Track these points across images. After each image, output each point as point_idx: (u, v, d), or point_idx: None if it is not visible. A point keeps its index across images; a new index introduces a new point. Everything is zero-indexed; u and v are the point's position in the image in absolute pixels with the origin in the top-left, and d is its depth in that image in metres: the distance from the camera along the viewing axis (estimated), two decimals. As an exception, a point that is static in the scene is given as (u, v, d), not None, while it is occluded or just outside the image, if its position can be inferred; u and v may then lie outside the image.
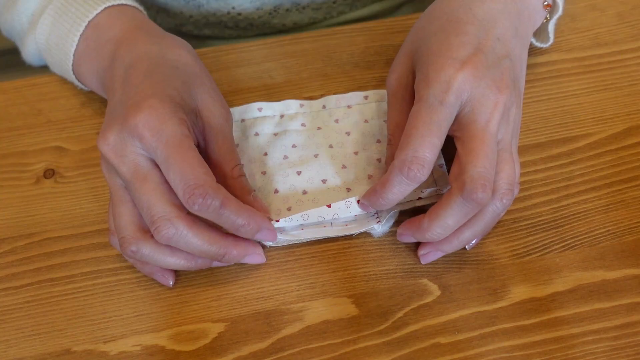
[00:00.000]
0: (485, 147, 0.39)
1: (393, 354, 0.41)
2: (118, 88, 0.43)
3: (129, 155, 0.40)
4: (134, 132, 0.39)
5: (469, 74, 0.40)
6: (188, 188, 0.38)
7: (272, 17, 0.62)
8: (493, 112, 0.40)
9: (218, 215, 0.39)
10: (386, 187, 0.41)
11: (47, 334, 0.42)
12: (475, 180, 0.39)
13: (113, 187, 0.42)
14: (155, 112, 0.40)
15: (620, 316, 0.41)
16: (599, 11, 0.56)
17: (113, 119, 0.41)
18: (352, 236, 0.45)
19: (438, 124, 0.39)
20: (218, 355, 0.41)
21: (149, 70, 0.42)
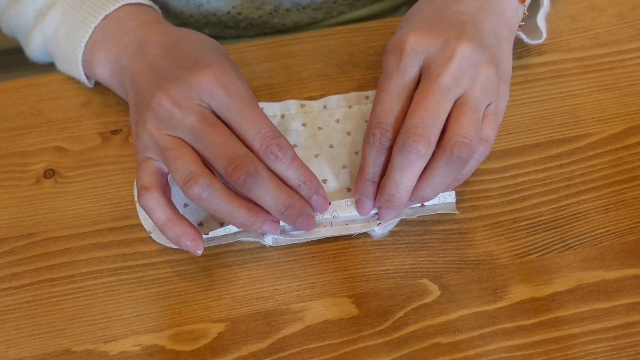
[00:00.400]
0: (427, 100, 0.40)
1: (393, 354, 0.41)
2: (162, 63, 0.43)
3: (194, 106, 0.41)
4: (205, 87, 0.41)
5: (420, 34, 0.41)
6: (266, 139, 0.40)
7: (272, 17, 0.62)
8: (446, 65, 0.40)
9: (288, 168, 0.41)
10: (363, 160, 0.43)
11: (47, 334, 0.42)
12: (407, 131, 0.39)
13: (165, 140, 0.41)
14: (224, 70, 0.42)
15: (620, 316, 0.41)
16: (599, 11, 0.56)
17: (171, 79, 0.42)
18: (352, 236, 0.45)
19: (396, 90, 0.41)
20: (218, 355, 0.41)
21: (195, 46, 0.45)
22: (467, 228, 0.45)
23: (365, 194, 0.43)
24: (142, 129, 0.42)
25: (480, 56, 0.41)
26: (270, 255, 0.45)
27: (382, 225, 0.44)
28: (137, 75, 0.44)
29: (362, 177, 0.43)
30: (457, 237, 0.45)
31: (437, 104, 0.40)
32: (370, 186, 0.43)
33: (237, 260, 0.45)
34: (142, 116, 0.42)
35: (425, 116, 0.39)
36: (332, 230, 0.44)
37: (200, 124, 0.40)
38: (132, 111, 0.45)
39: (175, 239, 0.41)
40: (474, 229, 0.45)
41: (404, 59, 0.41)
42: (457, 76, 0.40)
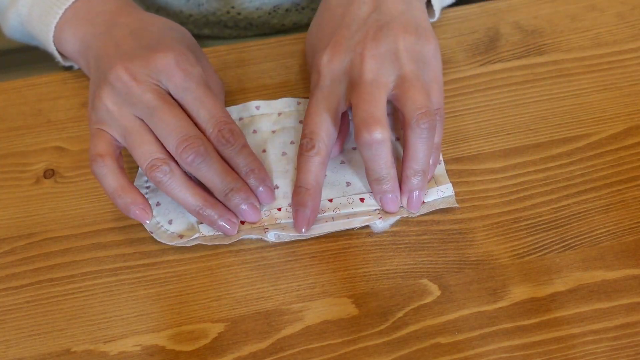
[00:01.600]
0: (360, 95, 0.42)
1: (393, 354, 0.41)
2: (126, 43, 0.45)
3: (152, 84, 0.42)
4: (164, 69, 0.42)
5: (329, 54, 0.45)
6: (219, 124, 0.42)
7: (271, 17, 0.62)
8: (363, 68, 0.43)
9: (238, 154, 0.43)
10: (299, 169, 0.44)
11: (47, 334, 0.42)
12: (358, 126, 0.42)
13: (127, 119, 0.42)
14: (185, 55, 0.44)
15: (620, 316, 0.41)
16: (599, 11, 0.56)
17: (130, 56, 0.43)
18: (353, 230, 0.45)
19: (322, 105, 0.44)
20: (218, 355, 0.41)
21: (161, 31, 0.46)
22: (467, 228, 0.45)
23: (301, 202, 0.44)
24: (98, 102, 0.43)
25: (389, 40, 0.44)
26: (270, 255, 0.45)
27: (383, 218, 0.44)
28: (101, 53, 0.45)
29: (296, 185, 0.45)
30: (457, 237, 0.45)
31: (371, 95, 0.42)
32: (303, 193, 0.44)
33: (237, 260, 0.45)
34: (99, 88, 0.43)
35: (366, 107, 0.42)
36: (335, 225, 0.44)
37: (156, 101, 0.42)
38: (91, 85, 0.46)
39: (125, 206, 0.43)
40: (474, 229, 0.45)
41: (322, 80, 0.45)
42: (377, 69, 0.43)
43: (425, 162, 0.44)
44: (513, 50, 0.54)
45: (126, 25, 0.46)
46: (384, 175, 0.43)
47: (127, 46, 0.44)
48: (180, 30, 0.48)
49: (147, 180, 0.47)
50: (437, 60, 0.45)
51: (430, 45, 0.45)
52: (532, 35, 0.54)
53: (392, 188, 0.44)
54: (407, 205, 0.45)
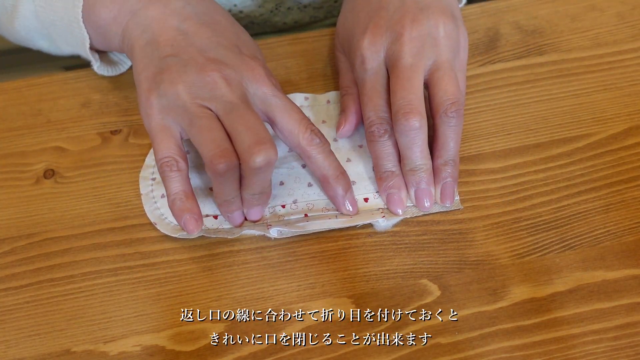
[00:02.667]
0: (400, 81, 0.43)
1: (393, 354, 0.41)
2: (197, 29, 0.44)
3: (241, 88, 0.42)
4: (257, 79, 0.43)
5: (370, 38, 0.45)
6: (309, 127, 0.43)
7: (273, 15, 0.62)
8: (402, 49, 0.44)
9: (328, 155, 0.44)
10: (374, 160, 0.45)
11: (47, 334, 0.42)
12: (397, 113, 0.43)
13: (195, 107, 0.41)
14: (266, 66, 0.45)
15: (620, 316, 0.41)
16: (599, 11, 0.56)
17: (223, 58, 0.43)
18: (355, 228, 0.45)
19: (373, 88, 0.45)
20: (218, 355, 0.41)
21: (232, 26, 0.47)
22: (467, 228, 0.45)
23: (393, 185, 0.45)
24: (169, 88, 0.41)
25: (429, 24, 0.44)
26: (270, 255, 0.45)
27: (387, 217, 0.44)
28: (157, 27, 0.44)
29: (380, 172, 0.45)
30: (457, 237, 0.45)
31: (409, 81, 0.43)
32: (391, 177, 0.45)
33: (237, 260, 0.45)
34: (172, 76, 0.42)
35: (405, 95, 0.43)
36: (338, 222, 0.44)
37: (240, 101, 0.42)
38: (144, 63, 0.44)
39: (180, 212, 0.42)
40: (474, 229, 0.45)
41: (367, 64, 0.45)
42: (415, 53, 0.44)
43: (456, 151, 0.45)
44: (513, 50, 0.54)
45: (187, 3, 0.45)
46: (419, 165, 0.44)
47: (203, 38, 0.44)
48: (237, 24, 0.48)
49: (152, 172, 0.47)
50: (466, 50, 0.47)
51: (465, 34, 0.46)
52: (532, 35, 0.54)
53: (427, 179, 0.44)
54: (441, 198, 0.45)
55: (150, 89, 0.42)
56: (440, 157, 0.45)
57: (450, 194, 0.45)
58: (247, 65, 0.43)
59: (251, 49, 0.46)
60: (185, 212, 0.42)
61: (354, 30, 0.47)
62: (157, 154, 0.42)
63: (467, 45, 0.47)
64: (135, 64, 0.44)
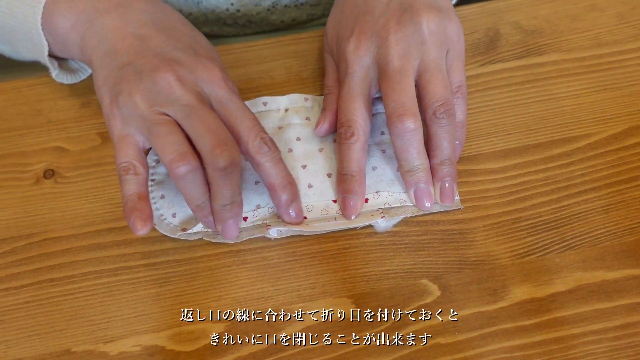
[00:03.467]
0: (390, 84, 0.44)
1: (393, 354, 0.41)
2: (153, 34, 0.44)
3: (196, 89, 0.42)
4: (210, 81, 0.43)
5: (355, 43, 0.46)
6: (260, 133, 0.42)
7: (270, 14, 0.62)
8: (389, 53, 0.44)
9: (276, 164, 0.43)
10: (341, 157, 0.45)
11: (47, 334, 0.42)
12: (391, 116, 0.43)
13: (153, 115, 0.41)
14: (222, 67, 0.45)
15: (621, 316, 0.41)
16: (599, 11, 0.56)
17: (177, 59, 0.43)
18: (356, 229, 0.45)
19: (350, 91, 0.45)
20: (218, 355, 0.41)
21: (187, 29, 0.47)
22: (467, 228, 0.45)
23: (349, 190, 0.45)
24: (127, 99, 0.42)
25: (413, 24, 0.45)
26: (270, 255, 0.45)
27: (386, 218, 0.44)
28: (113, 36, 0.44)
29: (340, 174, 0.45)
30: (457, 237, 0.45)
31: (399, 84, 0.43)
32: (350, 180, 0.45)
33: (237, 261, 0.45)
34: (129, 85, 0.42)
35: (396, 97, 0.43)
36: (337, 224, 0.44)
37: (197, 102, 0.41)
38: (104, 74, 0.44)
39: (129, 212, 0.41)
40: (474, 229, 0.45)
41: (352, 67, 0.46)
42: (402, 55, 0.44)
43: (451, 150, 0.45)
44: (513, 50, 0.54)
45: (144, 11, 0.45)
46: (417, 165, 0.44)
47: (160, 44, 0.44)
48: (195, 30, 0.48)
49: (152, 173, 0.47)
50: (461, 39, 0.47)
51: (454, 25, 0.46)
52: (532, 35, 0.54)
53: (425, 178, 0.44)
54: (441, 197, 0.45)
55: (112, 102, 0.43)
56: (436, 157, 0.45)
57: (450, 193, 0.45)
58: (203, 65, 0.43)
59: (208, 51, 0.46)
60: (135, 212, 0.41)
61: (341, 33, 0.47)
62: (116, 160, 0.42)
63: (461, 34, 0.47)
64: (95, 77, 0.45)
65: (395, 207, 0.45)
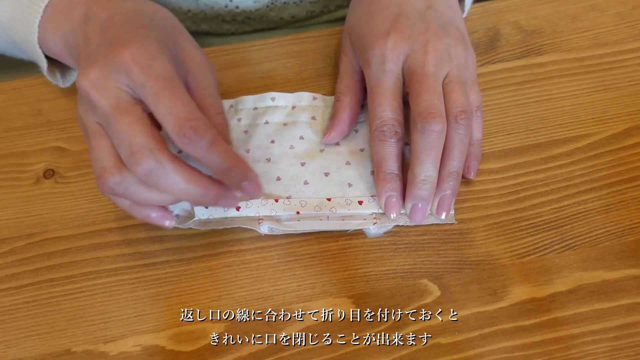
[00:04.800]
0: (424, 86, 0.44)
1: (393, 354, 0.41)
2: (94, 39, 0.43)
3: (111, 89, 0.39)
4: (121, 67, 0.39)
5: (394, 40, 0.45)
6: (179, 121, 0.38)
7: (269, 10, 0.62)
8: (425, 59, 0.45)
9: (206, 153, 0.39)
10: (378, 159, 0.45)
11: (47, 334, 0.42)
12: (421, 114, 0.43)
13: (88, 125, 0.41)
14: (143, 48, 0.40)
15: (621, 316, 0.41)
16: (599, 11, 0.56)
17: (93, 59, 0.41)
18: (347, 232, 0.45)
19: (390, 89, 0.45)
20: (218, 355, 0.41)
21: (128, 20, 0.43)
22: (467, 228, 0.45)
23: (393, 188, 0.44)
24: (78, 109, 0.42)
25: (447, 40, 0.46)
26: (270, 255, 0.45)
27: (378, 224, 0.44)
28: (77, 51, 0.44)
29: (383, 172, 0.44)
30: (457, 237, 0.45)
31: (433, 87, 0.44)
32: (395, 180, 0.44)
33: (237, 261, 0.45)
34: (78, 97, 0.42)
35: (429, 97, 0.43)
36: (329, 225, 0.44)
37: (111, 109, 0.39)
38: None
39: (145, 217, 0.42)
40: (474, 229, 0.45)
41: (388, 64, 0.45)
42: (437, 63, 0.45)
43: (461, 163, 0.44)
44: (513, 50, 0.54)
45: (97, 18, 0.44)
46: (428, 176, 0.43)
47: (93, 44, 0.43)
48: (149, 12, 0.45)
49: None
50: (474, 66, 0.49)
51: (472, 54, 0.48)
52: (532, 35, 0.54)
53: (429, 194, 0.44)
54: (437, 209, 0.45)
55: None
56: (446, 166, 0.44)
57: (447, 206, 0.44)
58: (114, 56, 0.40)
59: (134, 35, 0.41)
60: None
61: (372, 31, 0.47)
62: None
63: (475, 62, 0.49)
64: None
65: None
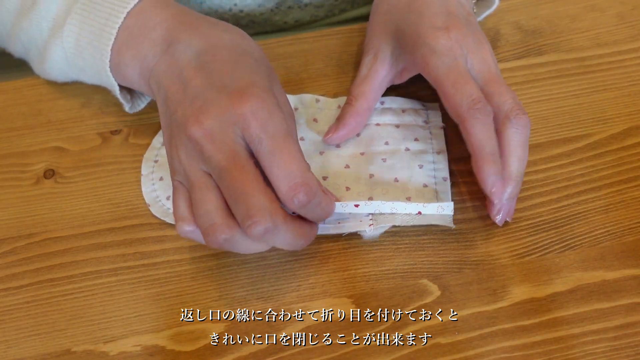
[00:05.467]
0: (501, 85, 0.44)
1: (393, 354, 0.41)
2: (193, 76, 0.41)
3: (227, 142, 0.39)
4: (240, 120, 0.38)
5: (456, 33, 0.45)
6: (293, 185, 0.38)
7: (274, 14, 0.62)
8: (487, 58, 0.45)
9: (313, 210, 0.40)
10: (476, 139, 0.43)
11: (47, 334, 0.42)
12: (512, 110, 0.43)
13: (194, 174, 0.39)
14: (262, 102, 0.39)
15: (620, 316, 0.41)
16: (599, 11, 0.56)
17: (205, 106, 0.39)
18: (341, 235, 0.45)
19: (466, 72, 0.44)
20: (218, 355, 0.41)
21: (233, 59, 0.42)
22: (467, 228, 0.45)
23: (498, 171, 0.42)
24: (174, 153, 0.41)
25: (488, 46, 0.46)
26: (271, 255, 0.45)
27: (374, 227, 0.44)
28: (166, 83, 0.42)
29: (486, 154, 0.42)
30: (457, 237, 0.45)
31: (506, 86, 0.45)
32: (498, 162, 0.43)
33: (237, 260, 0.45)
34: (174, 139, 0.41)
35: (513, 96, 0.44)
36: (323, 228, 0.44)
37: (226, 163, 0.38)
38: (163, 124, 0.43)
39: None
40: (474, 229, 0.45)
41: (455, 52, 0.44)
42: (496, 65, 0.46)
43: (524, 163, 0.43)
44: (513, 50, 0.54)
45: (188, 45, 0.42)
46: (522, 167, 0.43)
47: (196, 86, 0.40)
48: (249, 49, 0.43)
49: (156, 154, 0.48)
50: None
51: None
52: (532, 35, 0.54)
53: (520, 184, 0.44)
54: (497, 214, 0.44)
55: (169, 152, 0.42)
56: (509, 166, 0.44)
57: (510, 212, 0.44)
58: (232, 107, 0.39)
59: (242, 79, 0.41)
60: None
61: (430, 24, 0.46)
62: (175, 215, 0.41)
63: None
64: (161, 123, 0.44)
65: (386, 214, 0.44)
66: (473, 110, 0.42)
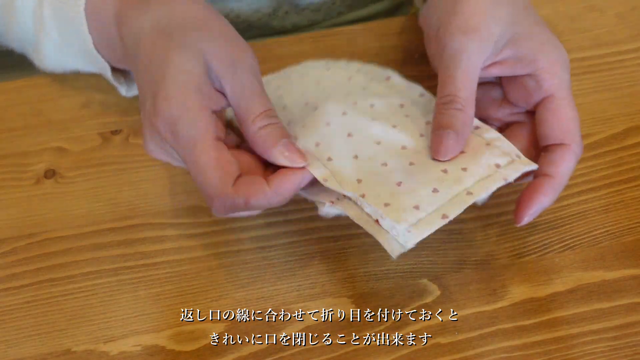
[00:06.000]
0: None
1: (393, 354, 0.41)
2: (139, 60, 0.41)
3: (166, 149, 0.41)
4: (160, 134, 0.39)
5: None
6: (208, 199, 0.38)
7: (271, 19, 0.62)
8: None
9: (248, 209, 0.38)
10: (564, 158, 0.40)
11: (47, 334, 0.42)
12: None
13: None
14: (169, 110, 0.38)
15: (620, 316, 0.42)
16: (599, 11, 0.56)
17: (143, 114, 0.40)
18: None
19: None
20: (218, 355, 0.41)
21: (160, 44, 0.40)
22: (467, 228, 0.45)
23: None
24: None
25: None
26: (271, 255, 0.45)
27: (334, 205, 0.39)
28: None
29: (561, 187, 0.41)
30: (457, 237, 0.45)
31: None
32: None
33: (237, 260, 0.45)
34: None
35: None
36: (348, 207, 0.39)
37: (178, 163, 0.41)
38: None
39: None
40: (474, 229, 0.45)
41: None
42: None
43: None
44: (513, 50, 0.54)
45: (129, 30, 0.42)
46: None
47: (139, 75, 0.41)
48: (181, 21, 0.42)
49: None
50: None
51: None
52: (532, 35, 0.54)
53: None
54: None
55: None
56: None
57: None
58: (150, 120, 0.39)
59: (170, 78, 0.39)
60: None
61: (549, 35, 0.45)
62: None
63: None
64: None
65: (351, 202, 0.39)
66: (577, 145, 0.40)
